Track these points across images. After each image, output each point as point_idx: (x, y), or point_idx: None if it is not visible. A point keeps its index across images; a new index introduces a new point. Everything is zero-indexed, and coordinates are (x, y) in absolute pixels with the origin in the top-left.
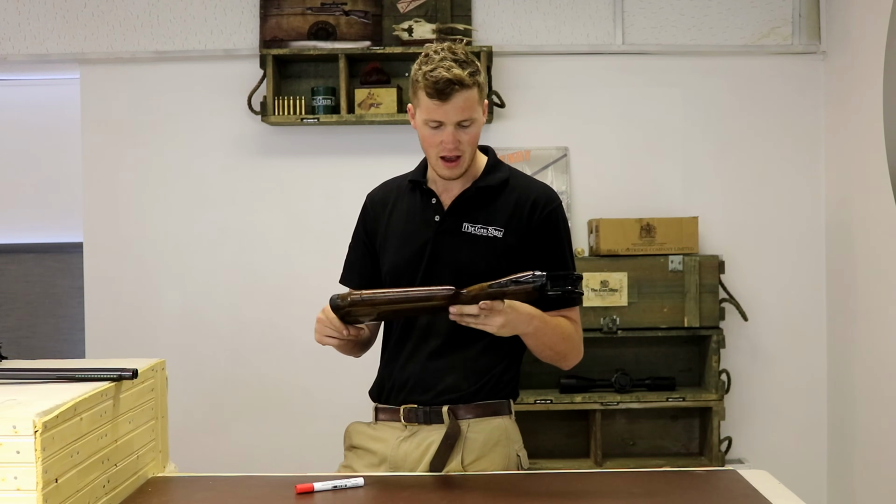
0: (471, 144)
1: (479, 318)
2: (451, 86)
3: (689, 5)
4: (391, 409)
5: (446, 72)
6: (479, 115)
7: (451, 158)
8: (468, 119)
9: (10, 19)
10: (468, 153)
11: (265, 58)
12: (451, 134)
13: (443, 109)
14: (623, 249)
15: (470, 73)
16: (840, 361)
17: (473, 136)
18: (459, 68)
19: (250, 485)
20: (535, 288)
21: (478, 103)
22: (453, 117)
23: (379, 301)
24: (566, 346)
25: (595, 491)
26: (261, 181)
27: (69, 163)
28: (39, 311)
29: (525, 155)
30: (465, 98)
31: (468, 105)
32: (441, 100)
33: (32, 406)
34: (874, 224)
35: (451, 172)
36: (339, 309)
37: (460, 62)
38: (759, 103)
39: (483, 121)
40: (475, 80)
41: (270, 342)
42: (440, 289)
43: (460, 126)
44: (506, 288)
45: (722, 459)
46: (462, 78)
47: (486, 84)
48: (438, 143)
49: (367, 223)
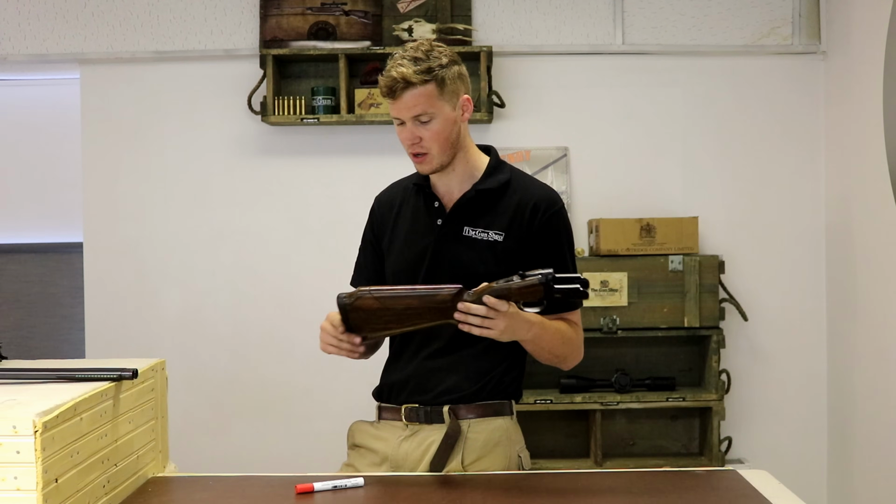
0: (435, 141)
1: (483, 320)
2: (396, 83)
3: (689, 5)
4: (393, 409)
5: (394, 70)
6: (439, 111)
7: (417, 154)
8: (424, 114)
9: (10, 19)
10: (434, 149)
11: (265, 58)
12: (408, 130)
13: (395, 107)
14: (623, 249)
15: (422, 71)
16: (840, 361)
17: (435, 133)
18: (411, 65)
19: (250, 485)
20: (542, 284)
21: (437, 98)
22: (406, 114)
23: (385, 296)
24: (565, 349)
25: (595, 491)
26: (261, 181)
27: (69, 163)
28: (39, 311)
29: (525, 155)
30: (414, 95)
31: (419, 102)
32: (392, 98)
33: (32, 406)
34: (874, 224)
35: (420, 168)
36: (345, 308)
37: (415, 59)
38: (759, 103)
39: (452, 116)
40: (429, 78)
41: (270, 342)
42: (447, 286)
43: (418, 122)
44: (512, 284)
45: (722, 459)
46: (406, 76)
47: (458, 79)
48: (406, 143)
49: (374, 226)
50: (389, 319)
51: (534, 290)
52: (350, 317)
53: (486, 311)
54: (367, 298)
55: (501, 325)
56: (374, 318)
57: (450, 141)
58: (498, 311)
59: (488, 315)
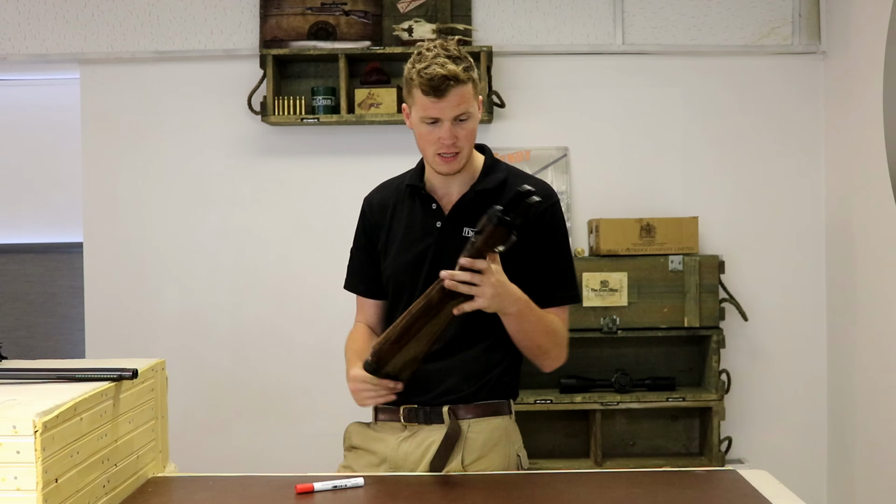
0: (468, 140)
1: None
2: (446, 82)
3: (689, 5)
4: (391, 409)
5: (441, 68)
6: (474, 109)
7: (448, 154)
8: (465, 114)
9: (10, 19)
10: (466, 149)
11: (265, 58)
12: (448, 130)
13: (439, 106)
14: (623, 249)
15: (464, 69)
16: (840, 361)
17: (470, 132)
18: (453, 64)
19: (250, 485)
20: (496, 224)
21: (473, 98)
22: (450, 113)
23: (396, 335)
24: (548, 340)
25: (595, 491)
26: (261, 181)
27: (69, 163)
28: (39, 311)
29: (525, 155)
30: (460, 93)
31: (464, 100)
32: (437, 96)
33: (32, 406)
34: (874, 224)
35: (448, 167)
36: (377, 372)
37: (454, 58)
38: (759, 103)
39: (479, 116)
40: (469, 76)
41: (270, 342)
42: (431, 288)
43: (457, 121)
44: (475, 242)
45: (722, 459)
46: (457, 73)
47: (480, 80)
48: (436, 140)
49: (367, 228)
50: (412, 348)
51: (496, 232)
52: (383, 373)
53: (471, 276)
54: (385, 348)
55: (488, 290)
56: (402, 359)
57: (475, 141)
58: (482, 273)
59: (473, 280)
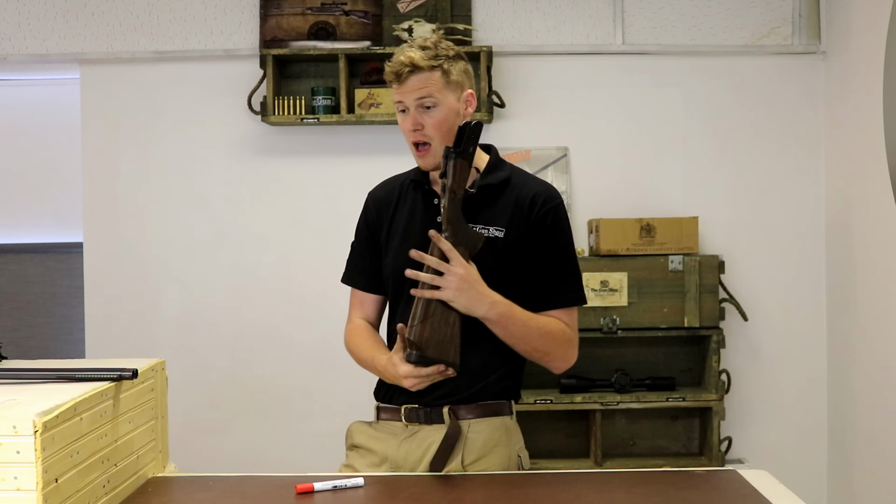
0: (437, 129)
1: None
2: (404, 68)
3: (689, 5)
4: (392, 409)
5: (402, 55)
6: (444, 98)
7: (419, 144)
8: (427, 99)
9: (10, 19)
10: (436, 139)
11: (265, 58)
12: (411, 116)
13: (400, 91)
14: (623, 249)
15: (430, 57)
16: (840, 361)
17: (438, 121)
18: (418, 52)
19: (250, 485)
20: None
21: (442, 87)
22: (409, 97)
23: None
24: (545, 342)
25: (595, 491)
26: (261, 181)
27: (69, 163)
28: (39, 311)
29: (525, 155)
30: (420, 79)
31: (424, 86)
32: (398, 82)
33: (32, 406)
34: (874, 224)
35: (422, 161)
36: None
37: (424, 48)
38: (759, 103)
39: (456, 108)
40: (435, 64)
41: (270, 342)
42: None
43: (423, 109)
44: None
45: (722, 459)
46: (414, 59)
47: (464, 73)
48: (408, 130)
49: (369, 222)
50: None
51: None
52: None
53: (437, 262)
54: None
55: (453, 280)
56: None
57: (452, 133)
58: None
59: (439, 268)
